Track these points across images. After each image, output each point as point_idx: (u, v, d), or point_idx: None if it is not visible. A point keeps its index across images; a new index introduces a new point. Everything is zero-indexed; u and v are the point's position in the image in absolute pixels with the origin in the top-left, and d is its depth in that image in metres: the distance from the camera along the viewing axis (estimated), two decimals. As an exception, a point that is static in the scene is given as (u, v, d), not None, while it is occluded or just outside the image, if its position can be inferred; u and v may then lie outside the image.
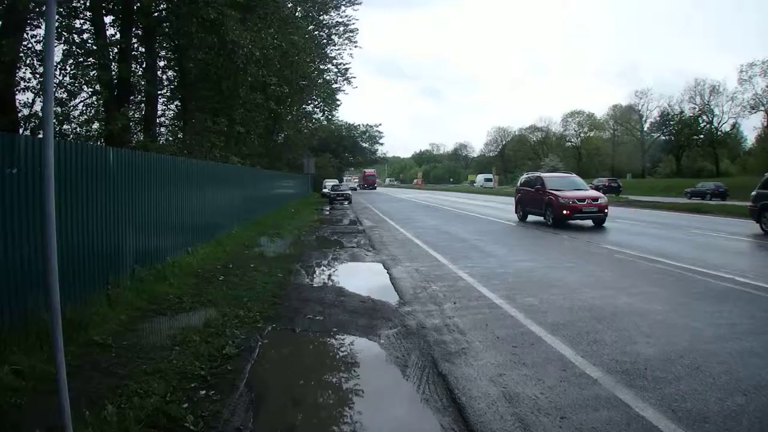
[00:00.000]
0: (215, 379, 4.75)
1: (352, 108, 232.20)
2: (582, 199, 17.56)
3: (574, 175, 21.19)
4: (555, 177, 20.32)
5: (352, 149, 74.71)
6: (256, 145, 26.81)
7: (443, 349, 5.52)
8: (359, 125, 74.44)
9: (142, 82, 17.70)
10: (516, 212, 21.22)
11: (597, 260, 10.89)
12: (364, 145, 77.22)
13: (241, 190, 18.08)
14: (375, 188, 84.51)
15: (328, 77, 39.80)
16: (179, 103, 21.16)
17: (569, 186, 18.66)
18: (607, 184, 49.72)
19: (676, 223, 18.88)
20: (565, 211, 17.25)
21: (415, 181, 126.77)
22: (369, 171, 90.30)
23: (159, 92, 19.90)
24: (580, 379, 4.61)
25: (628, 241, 13.51)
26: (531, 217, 19.88)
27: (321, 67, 37.31)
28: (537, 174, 21.40)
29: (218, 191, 14.37)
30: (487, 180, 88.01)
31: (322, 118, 45.16)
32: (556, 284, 8.50)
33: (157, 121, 20.17)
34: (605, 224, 17.53)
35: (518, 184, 22.30)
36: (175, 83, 20.94)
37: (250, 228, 17.02)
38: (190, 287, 8.34)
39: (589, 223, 17.79)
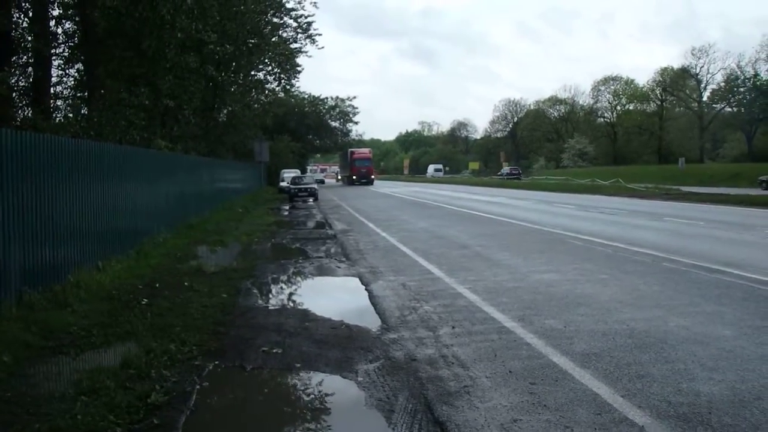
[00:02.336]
0: (137, 438, 4.68)
1: (318, 76, 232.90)
2: None
3: None
4: None
5: (318, 130, 74.20)
6: (191, 124, 26.64)
7: (440, 387, 5.50)
8: (327, 99, 73.81)
9: (29, 38, 17.36)
10: None
11: (639, 270, 11.00)
12: (333, 124, 76.51)
13: (172, 183, 17.97)
14: (372, 181, 73.02)
15: (284, 34, 39.59)
16: (82, 67, 20.83)
17: None
18: (509, 172, 78.51)
19: (746, 222, 19.17)
20: None
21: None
22: (361, 151, 77.05)
23: (53, 51, 19.55)
24: (622, 426, 4.62)
25: (681, 246, 13.67)
26: (544, 217, 19.98)
27: (275, 20, 37.08)
28: None
29: (139, 185, 14.26)
30: (437, 170, 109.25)
31: (277, 88, 44.83)
32: (585, 302, 8.56)
33: (52, 91, 19.85)
34: (649, 225, 17.70)
35: None
36: (76, 40, 20.62)
37: (183, 234, 16.89)
38: (102, 315, 8.21)
39: (634, 223, 17.91)
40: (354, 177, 72.44)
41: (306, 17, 39.58)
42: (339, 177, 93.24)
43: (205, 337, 7.24)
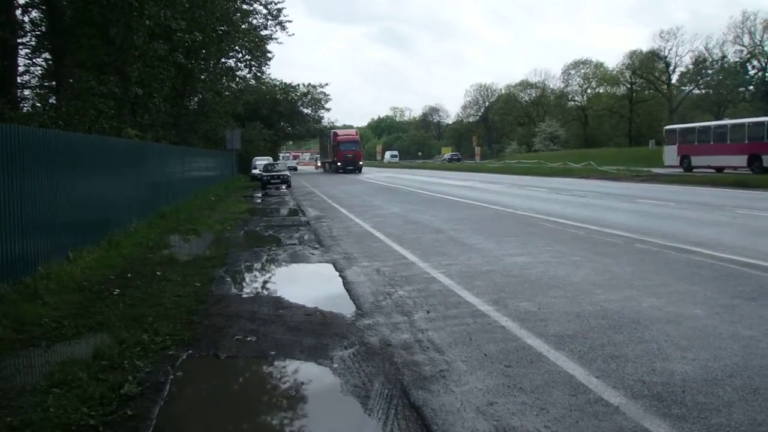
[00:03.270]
0: (110, 430, 4.61)
1: (290, 63, 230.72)
2: None
3: None
4: None
5: (290, 117, 73.77)
6: (162, 112, 26.33)
7: (416, 372, 5.50)
8: (299, 85, 73.35)
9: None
10: None
11: (612, 252, 11.09)
12: (305, 111, 76.25)
13: (143, 173, 17.77)
14: (360, 168, 64.64)
15: (255, 21, 39.26)
16: (50, 57, 20.47)
17: None
18: (450, 157, 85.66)
19: (715, 202, 19.45)
20: None
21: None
22: (346, 133, 69.81)
23: (19, 41, 19.16)
24: (596, 406, 4.65)
25: (652, 227, 13.82)
26: (517, 200, 20.05)
27: (245, 7, 36.77)
28: None
29: (109, 175, 14.08)
30: (393, 156, 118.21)
31: (248, 76, 44.47)
32: (559, 284, 8.61)
33: (19, 80, 19.48)
34: (620, 207, 17.86)
35: None
36: (43, 28, 20.23)
37: (155, 223, 16.72)
38: (73, 306, 8.11)
39: (606, 205, 18.03)
40: (339, 164, 63.25)
41: (276, 3, 39.40)
42: (319, 163, 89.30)
43: (178, 326, 7.17)
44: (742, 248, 10.71)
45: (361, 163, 65.36)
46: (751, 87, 76.75)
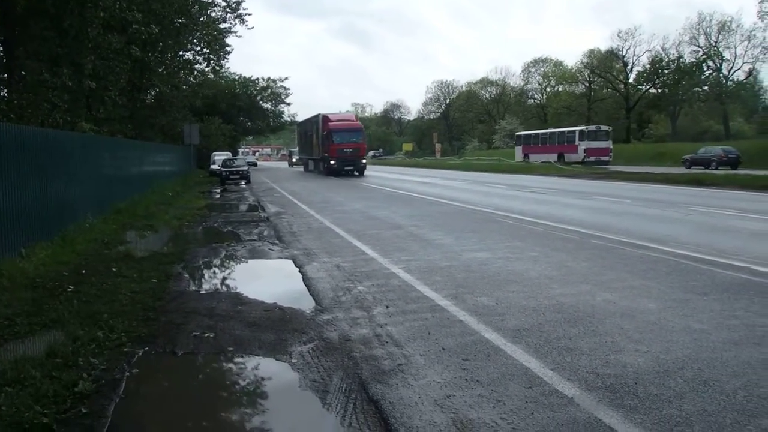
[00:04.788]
0: (64, 428, 4.56)
1: (250, 57, 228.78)
2: None
3: None
4: None
5: (249, 112, 73.15)
6: (118, 105, 25.93)
7: (374, 366, 5.54)
8: (258, 80, 72.87)
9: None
10: None
11: (569, 247, 11.28)
12: (265, 105, 75.72)
13: (98, 167, 17.48)
14: (362, 169, 45.21)
15: (213, 14, 38.82)
16: (1, 48, 20.01)
17: None
18: (374, 155, 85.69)
19: (670, 200, 19.87)
20: None
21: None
22: (342, 118, 48.79)
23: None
24: (551, 398, 4.75)
25: (608, 224, 14.08)
26: (476, 197, 20.25)
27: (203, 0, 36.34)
28: None
29: (63, 170, 13.81)
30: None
31: (207, 69, 43.97)
32: (516, 279, 8.74)
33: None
34: (577, 203, 18.15)
35: None
36: (-7, 18, 19.74)
37: (111, 219, 16.46)
38: (26, 303, 7.94)
39: (564, 201, 18.30)
40: (332, 162, 44.42)
41: (235, -4, 38.90)
42: (294, 159, 75.95)
43: (134, 323, 7.09)
44: (695, 244, 10.98)
45: (364, 161, 45.96)
46: (706, 87, 78.33)
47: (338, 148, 43.96)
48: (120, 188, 20.54)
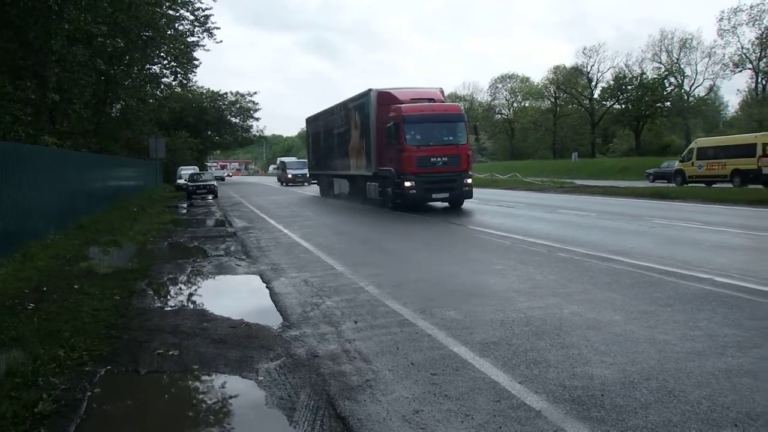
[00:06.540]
0: (22, 449, 4.45)
1: (218, 71, 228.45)
2: None
3: None
4: None
5: (217, 126, 72.78)
6: (82, 119, 25.61)
7: (342, 383, 5.50)
8: (227, 94, 72.51)
9: None
10: None
11: (535, 261, 11.34)
12: (233, 120, 75.46)
13: (60, 182, 17.21)
14: (466, 196, 22.91)
15: (181, 27, 38.62)
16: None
17: None
18: None
19: (634, 213, 20.07)
20: None
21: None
22: (419, 95, 24.62)
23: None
24: (519, 411, 4.75)
25: (575, 237, 14.20)
26: (450, 212, 20.31)
27: (171, 12, 36.10)
28: None
29: (23, 185, 13.55)
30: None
31: (174, 83, 43.69)
32: (484, 293, 8.76)
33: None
34: (545, 217, 18.31)
35: None
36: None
37: (73, 234, 16.19)
38: (-16, 321, 7.76)
39: (531, 215, 18.42)
40: (409, 185, 21.70)
41: (204, 10, 38.84)
42: (290, 175, 58.84)
43: (96, 341, 6.96)
44: (659, 257, 11.11)
45: (469, 180, 22.56)
46: (668, 103, 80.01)
47: (421, 155, 21.77)
48: (83, 203, 20.26)
